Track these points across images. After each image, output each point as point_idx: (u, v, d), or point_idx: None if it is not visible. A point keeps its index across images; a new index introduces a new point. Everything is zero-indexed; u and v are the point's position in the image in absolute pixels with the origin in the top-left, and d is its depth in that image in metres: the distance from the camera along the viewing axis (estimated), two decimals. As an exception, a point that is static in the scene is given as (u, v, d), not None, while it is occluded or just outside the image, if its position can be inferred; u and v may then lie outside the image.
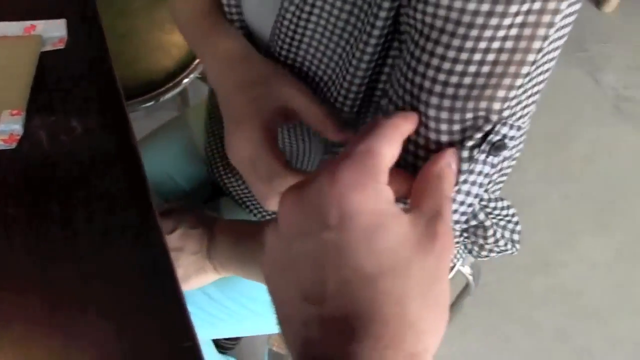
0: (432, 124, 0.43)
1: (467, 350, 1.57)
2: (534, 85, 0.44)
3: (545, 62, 0.43)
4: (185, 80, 1.30)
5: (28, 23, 0.77)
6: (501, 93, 0.41)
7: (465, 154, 0.43)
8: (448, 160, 0.40)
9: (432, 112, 0.43)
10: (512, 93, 0.41)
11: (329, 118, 0.56)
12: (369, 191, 0.34)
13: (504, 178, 0.53)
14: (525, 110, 0.45)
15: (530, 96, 0.44)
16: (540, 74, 0.43)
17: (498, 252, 0.56)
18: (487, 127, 0.42)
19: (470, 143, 0.43)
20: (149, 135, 1.00)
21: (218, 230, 0.75)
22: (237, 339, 1.41)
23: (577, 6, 0.42)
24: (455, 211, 0.47)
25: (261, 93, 0.59)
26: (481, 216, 0.50)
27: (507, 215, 0.53)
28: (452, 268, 0.98)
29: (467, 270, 1.04)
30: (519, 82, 0.41)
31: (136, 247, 0.60)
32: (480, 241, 0.54)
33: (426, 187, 0.38)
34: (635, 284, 1.73)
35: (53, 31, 0.77)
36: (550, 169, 1.95)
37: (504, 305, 1.66)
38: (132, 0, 1.38)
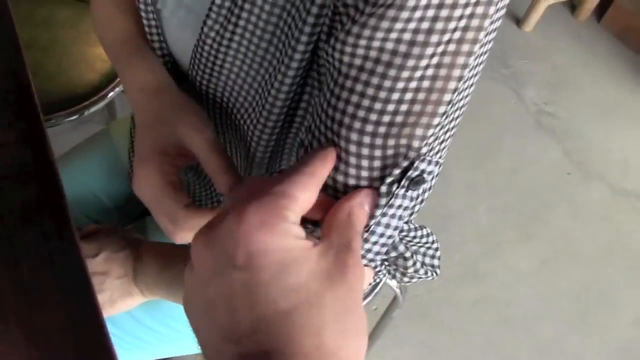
0: (352, 160, 0.43)
1: (399, 362, 1.58)
2: (451, 121, 0.45)
3: (462, 99, 0.44)
4: (111, 94, 1.26)
5: (-64, 33, 0.74)
6: (419, 131, 0.41)
7: (384, 189, 0.43)
8: (360, 200, 0.41)
9: (352, 148, 0.43)
10: (430, 131, 0.42)
11: (226, 173, 0.55)
12: (276, 230, 0.34)
13: (423, 204, 0.54)
14: (443, 145, 0.45)
15: (447, 131, 0.45)
16: (456, 110, 0.44)
17: (419, 278, 0.58)
18: (405, 164, 0.43)
19: (389, 179, 0.43)
20: (73, 150, 0.97)
21: (144, 253, 0.74)
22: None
23: (492, 35, 0.43)
24: (375, 243, 0.47)
25: (164, 133, 0.58)
26: (401, 248, 0.51)
27: (427, 243, 0.54)
28: (377, 284, 0.98)
29: (393, 283, 1.05)
30: (436, 120, 0.41)
31: (52, 264, 0.58)
32: (401, 269, 0.55)
33: (337, 221, 0.39)
34: (559, 292, 1.80)
35: (-36, 42, 0.74)
36: (475, 181, 2.01)
37: (434, 316, 1.68)
38: (56, 12, 1.34)
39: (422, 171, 0.43)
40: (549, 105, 2.29)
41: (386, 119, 0.41)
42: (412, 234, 0.51)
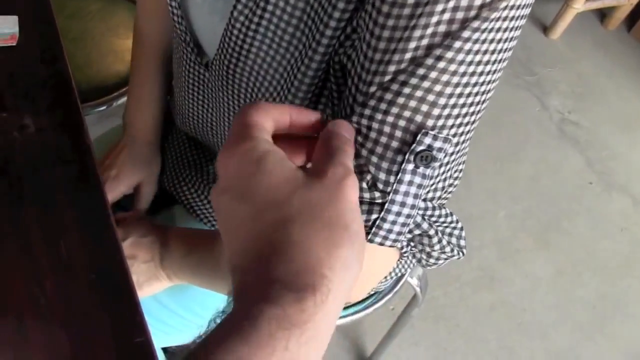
0: (364, 134, 0.47)
1: (413, 363, 1.59)
2: (471, 105, 0.46)
3: (480, 83, 0.45)
4: (140, 87, 1.28)
5: (-20, 18, 0.76)
6: (424, 107, 0.43)
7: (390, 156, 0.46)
8: (331, 129, 0.42)
9: (364, 122, 0.46)
10: (435, 109, 0.44)
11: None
12: (241, 147, 0.38)
13: (449, 196, 0.55)
14: (460, 130, 0.46)
15: (466, 115, 0.46)
16: (471, 94, 0.45)
17: (445, 259, 0.58)
18: (409, 137, 0.44)
19: (396, 154, 0.45)
20: (98, 141, 1.00)
21: (171, 238, 0.75)
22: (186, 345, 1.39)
23: (512, 33, 0.44)
24: (394, 222, 0.48)
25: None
26: (424, 225, 0.52)
27: (451, 222, 0.55)
28: (400, 278, 0.99)
29: (414, 282, 1.06)
30: (442, 100, 0.43)
31: (89, 245, 0.60)
32: (427, 249, 0.55)
33: (318, 149, 0.41)
34: (575, 300, 1.79)
35: (4, 27, 0.76)
36: (496, 188, 2.00)
37: (449, 319, 1.69)
38: (87, 4, 1.36)
39: (429, 146, 0.44)
40: (572, 114, 2.28)
41: (394, 86, 0.44)
42: (435, 212, 0.52)
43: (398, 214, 0.47)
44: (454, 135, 0.46)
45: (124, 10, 1.37)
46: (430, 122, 0.44)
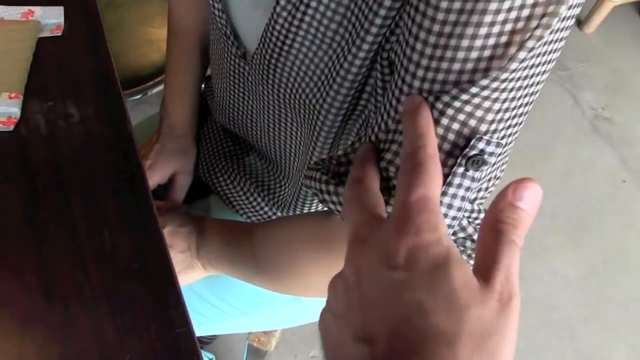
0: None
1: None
2: (520, 106, 0.45)
3: (531, 85, 0.44)
4: (174, 76, 1.29)
5: (26, 8, 0.77)
6: (479, 112, 0.43)
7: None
8: (509, 200, 0.36)
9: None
10: (489, 114, 0.43)
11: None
12: (432, 236, 0.34)
13: (489, 194, 0.55)
14: (509, 131, 0.46)
15: (515, 116, 0.45)
16: (521, 96, 0.45)
17: None
18: (462, 142, 0.43)
19: (449, 159, 0.44)
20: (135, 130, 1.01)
21: (208, 228, 0.76)
22: (214, 335, 1.41)
23: (559, 44, 0.43)
24: None
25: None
26: (470, 229, 0.51)
27: None
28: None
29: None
30: (496, 106, 0.42)
31: (132, 234, 0.60)
32: (469, 252, 0.55)
33: (486, 237, 0.36)
34: (605, 300, 1.77)
35: (50, 18, 0.77)
36: (527, 183, 1.97)
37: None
38: (123, -7, 1.38)
39: (482, 151, 0.44)
40: (606, 110, 2.25)
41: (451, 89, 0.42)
42: (481, 216, 0.52)
43: (445, 215, 0.47)
44: (504, 138, 0.45)
45: (158, 0, 1.38)
46: (483, 127, 0.43)
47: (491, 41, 0.40)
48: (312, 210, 0.80)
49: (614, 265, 1.84)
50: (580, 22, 2.49)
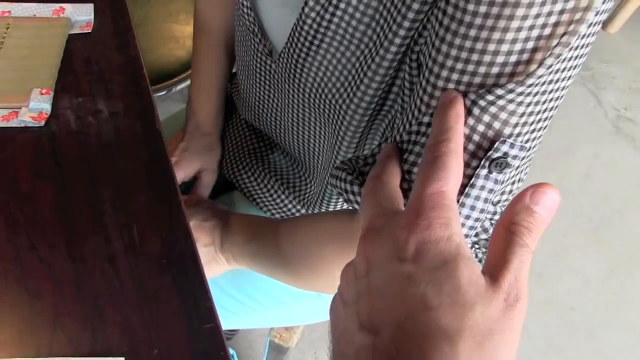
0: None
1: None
2: (545, 111, 0.45)
3: (556, 90, 0.44)
4: (199, 72, 1.30)
5: (57, 5, 0.78)
6: (503, 115, 0.42)
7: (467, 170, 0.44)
8: (526, 203, 0.36)
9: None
10: (513, 117, 0.43)
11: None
12: (442, 232, 0.34)
13: (511, 197, 0.55)
14: (533, 135, 0.46)
15: (539, 121, 0.45)
16: (545, 101, 0.45)
17: None
18: (486, 144, 0.43)
19: (472, 160, 0.44)
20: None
21: (233, 223, 0.77)
22: (235, 330, 1.42)
23: (586, 49, 0.43)
24: (462, 225, 0.47)
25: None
26: (492, 231, 0.52)
27: None
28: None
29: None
30: (521, 109, 0.42)
31: (161, 229, 0.61)
32: None
33: (498, 237, 0.36)
34: (627, 301, 1.75)
35: (80, 15, 0.78)
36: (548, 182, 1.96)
37: (497, 314, 1.67)
38: (148, -9, 1.39)
39: (505, 154, 0.44)
40: (629, 110, 2.22)
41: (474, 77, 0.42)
42: None
43: (467, 217, 0.47)
44: (528, 142, 0.46)
45: (183, -3, 1.40)
46: (507, 130, 0.43)
47: (518, 47, 0.40)
48: (337, 209, 0.80)
49: (635, 265, 1.83)
50: (604, 22, 2.46)
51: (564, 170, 2.02)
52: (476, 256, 0.58)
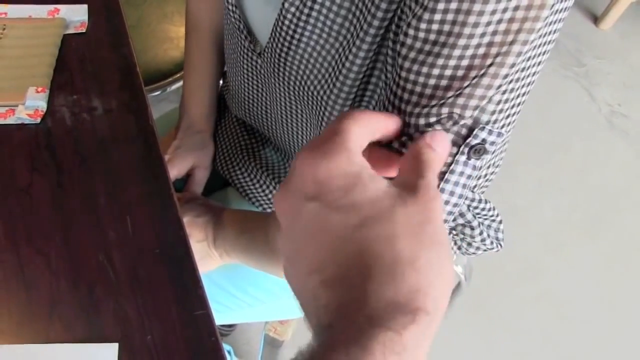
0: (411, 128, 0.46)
1: (454, 352, 1.60)
2: (517, 97, 0.47)
3: (528, 75, 0.46)
4: (193, 73, 1.32)
5: (52, 7, 0.80)
6: (473, 102, 0.44)
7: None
8: (427, 141, 0.40)
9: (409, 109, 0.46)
10: (484, 102, 0.44)
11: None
12: (339, 157, 0.36)
13: (489, 183, 0.56)
14: (508, 120, 0.47)
15: (513, 106, 0.47)
16: (520, 87, 0.46)
17: (484, 250, 0.60)
18: (464, 131, 0.45)
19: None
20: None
21: (225, 219, 0.78)
22: (232, 325, 1.43)
23: (557, 25, 0.44)
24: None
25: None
26: (469, 216, 0.53)
27: (492, 216, 0.56)
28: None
29: (459, 269, 1.07)
30: (491, 92, 0.44)
31: (154, 220, 0.63)
32: (468, 239, 0.57)
33: (405, 161, 0.40)
34: (621, 295, 1.77)
35: (75, 15, 0.80)
36: (543, 179, 1.99)
37: (492, 309, 1.69)
38: (144, -9, 1.41)
39: (483, 140, 0.45)
40: (622, 106, 2.24)
41: (443, 82, 0.44)
42: (480, 205, 0.54)
43: (446, 202, 0.48)
44: (503, 127, 0.47)
45: (177, -2, 1.41)
46: (485, 117, 0.45)
47: (486, 39, 0.42)
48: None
49: (630, 261, 1.84)
50: (596, 19, 2.48)
51: (558, 166, 2.03)
52: (455, 243, 0.60)
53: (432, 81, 0.44)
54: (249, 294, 0.88)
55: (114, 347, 0.54)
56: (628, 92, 2.29)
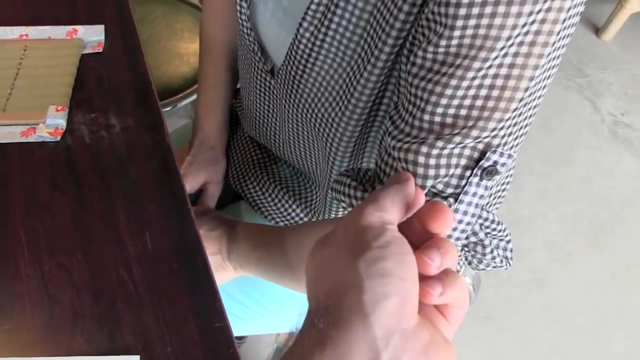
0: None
1: (463, 362, 1.61)
2: (525, 119, 0.49)
3: (535, 99, 0.48)
4: (202, 88, 1.34)
5: (70, 27, 0.82)
6: (492, 124, 0.46)
7: (458, 171, 0.48)
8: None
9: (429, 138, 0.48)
10: (501, 125, 0.46)
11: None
12: (384, 232, 0.36)
13: (501, 200, 0.58)
14: (517, 142, 0.50)
15: (521, 128, 0.49)
16: (529, 109, 0.48)
17: (493, 267, 0.61)
18: (477, 155, 0.47)
19: (462, 168, 0.48)
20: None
21: (239, 232, 0.80)
22: (242, 337, 1.44)
23: (566, 41, 0.46)
24: (455, 229, 0.51)
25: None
26: (481, 235, 0.55)
27: (500, 233, 0.58)
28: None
29: (468, 280, 1.08)
30: (507, 115, 0.46)
31: (171, 235, 0.65)
32: (479, 256, 0.59)
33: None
34: (629, 304, 1.77)
35: (92, 35, 0.82)
36: (548, 190, 2.00)
37: (499, 320, 1.69)
38: (153, 10, 1.43)
39: (495, 162, 0.48)
40: (626, 116, 2.26)
41: (463, 112, 0.46)
42: (492, 225, 0.55)
43: (460, 221, 0.50)
44: (512, 148, 0.49)
45: (187, 15, 1.44)
46: (496, 141, 0.47)
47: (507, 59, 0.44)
48: (341, 216, 0.83)
49: (637, 269, 1.85)
50: (598, 30, 2.50)
51: (563, 177, 2.05)
52: (466, 259, 0.61)
53: (451, 110, 0.46)
54: (260, 304, 0.89)
55: (135, 359, 0.56)
56: (631, 101, 2.31)
